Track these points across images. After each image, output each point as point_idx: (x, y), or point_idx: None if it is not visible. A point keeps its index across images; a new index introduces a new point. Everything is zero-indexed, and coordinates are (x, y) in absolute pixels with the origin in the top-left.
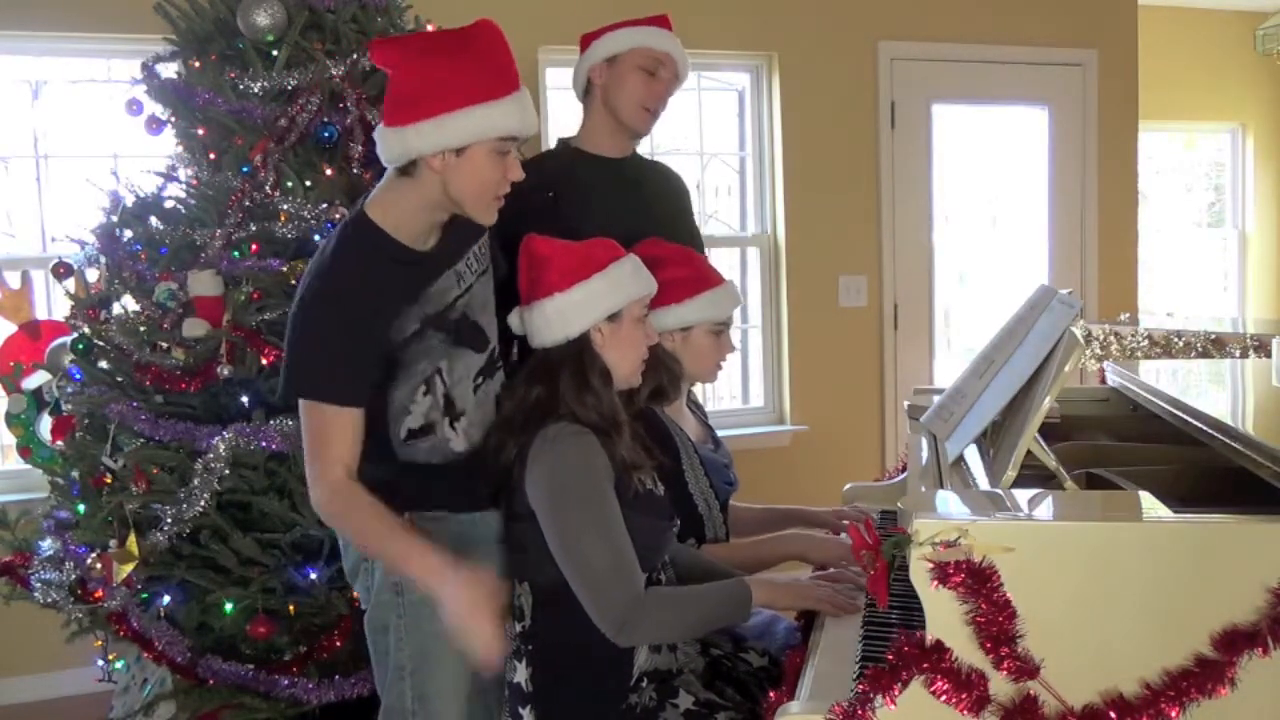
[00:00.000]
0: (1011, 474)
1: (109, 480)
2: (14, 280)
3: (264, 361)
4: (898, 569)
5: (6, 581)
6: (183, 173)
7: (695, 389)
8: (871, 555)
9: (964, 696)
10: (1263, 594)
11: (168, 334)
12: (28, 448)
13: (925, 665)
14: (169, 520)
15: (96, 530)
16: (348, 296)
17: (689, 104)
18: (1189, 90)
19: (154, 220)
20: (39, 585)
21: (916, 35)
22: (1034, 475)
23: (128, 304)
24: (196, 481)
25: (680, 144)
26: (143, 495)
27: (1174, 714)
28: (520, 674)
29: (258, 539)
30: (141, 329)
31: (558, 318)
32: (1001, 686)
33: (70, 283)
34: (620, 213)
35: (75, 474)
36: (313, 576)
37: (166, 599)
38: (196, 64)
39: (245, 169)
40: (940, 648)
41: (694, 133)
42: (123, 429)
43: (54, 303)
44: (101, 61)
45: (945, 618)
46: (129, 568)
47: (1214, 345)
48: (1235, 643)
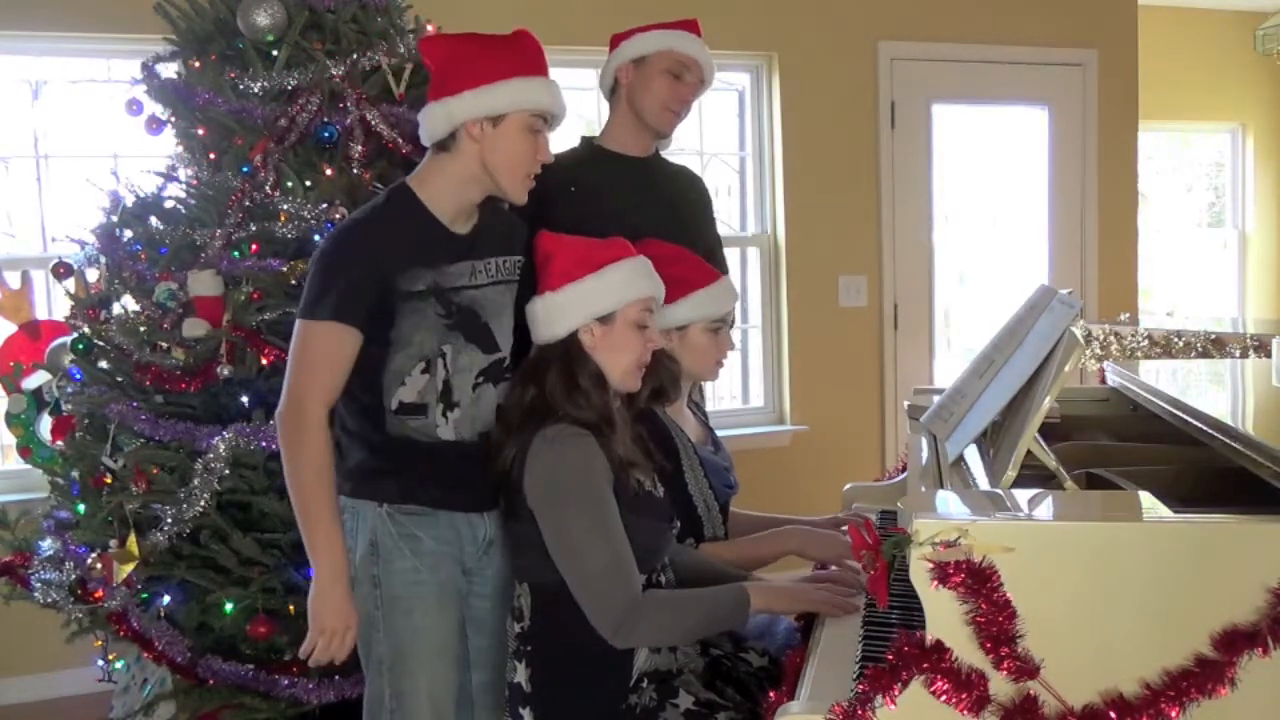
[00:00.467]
0: (1011, 474)
1: (109, 480)
2: (14, 280)
3: (264, 361)
4: (898, 569)
5: (6, 581)
6: (183, 173)
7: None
8: (871, 555)
9: (964, 696)
10: (1263, 594)
11: (168, 334)
12: (28, 448)
13: (925, 665)
14: (169, 520)
15: (96, 530)
16: (366, 235)
17: None
18: (1189, 90)
19: (154, 220)
20: (39, 585)
21: (916, 35)
22: (1034, 475)
23: (128, 304)
24: (196, 481)
25: (680, 144)
26: (143, 495)
27: (1174, 714)
28: (520, 674)
29: (258, 539)
30: (141, 329)
31: (547, 316)
32: (1001, 686)
33: (70, 283)
34: (638, 211)
35: (75, 474)
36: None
37: (166, 599)
38: (196, 64)
39: (245, 169)
40: (940, 648)
41: (694, 133)
42: (123, 429)
43: (54, 303)
44: (101, 61)
45: (945, 618)
46: (129, 568)
47: (1214, 345)
48: (1235, 643)
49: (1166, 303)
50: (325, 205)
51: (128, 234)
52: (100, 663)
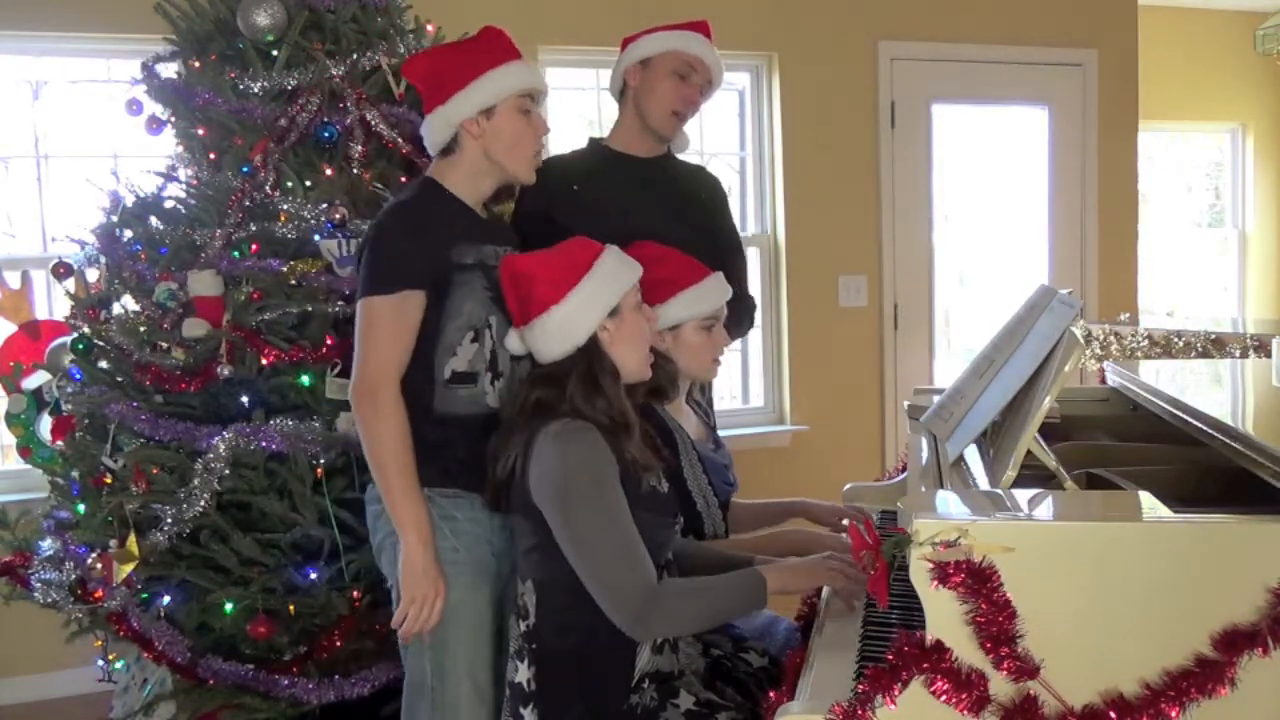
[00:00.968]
0: (1011, 474)
1: (109, 480)
2: (14, 280)
3: (264, 361)
4: (898, 569)
5: (6, 581)
6: (183, 173)
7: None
8: (871, 555)
9: (964, 696)
10: (1263, 594)
11: (168, 334)
12: (28, 448)
13: (925, 665)
14: (169, 520)
15: (96, 530)
16: (417, 211)
17: None
18: (1189, 90)
19: (154, 220)
20: (39, 585)
21: (916, 35)
22: (1034, 475)
23: (128, 304)
24: (196, 481)
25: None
26: (143, 495)
27: (1174, 714)
28: (522, 674)
29: (258, 539)
30: (141, 329)
31: (561, 329)
32: (1001, 686)
33: (70, 283)
34: (641, 211)
35: (75, 474)
36: (313, 576)
37: (166, 599)
38: (196, 64)
39: (245, 169)
40: (940, 648)
41: (694, 133)
42: (123, 429)
43: (54, 303)
44: (101, 61)
45: (945, 618)
46: (129, 568)
47: (1214, 345)
48: (1235, 643)
49: (1166, 303)
50: (325, 205)
51: (128, 234)
52: (100, 663)
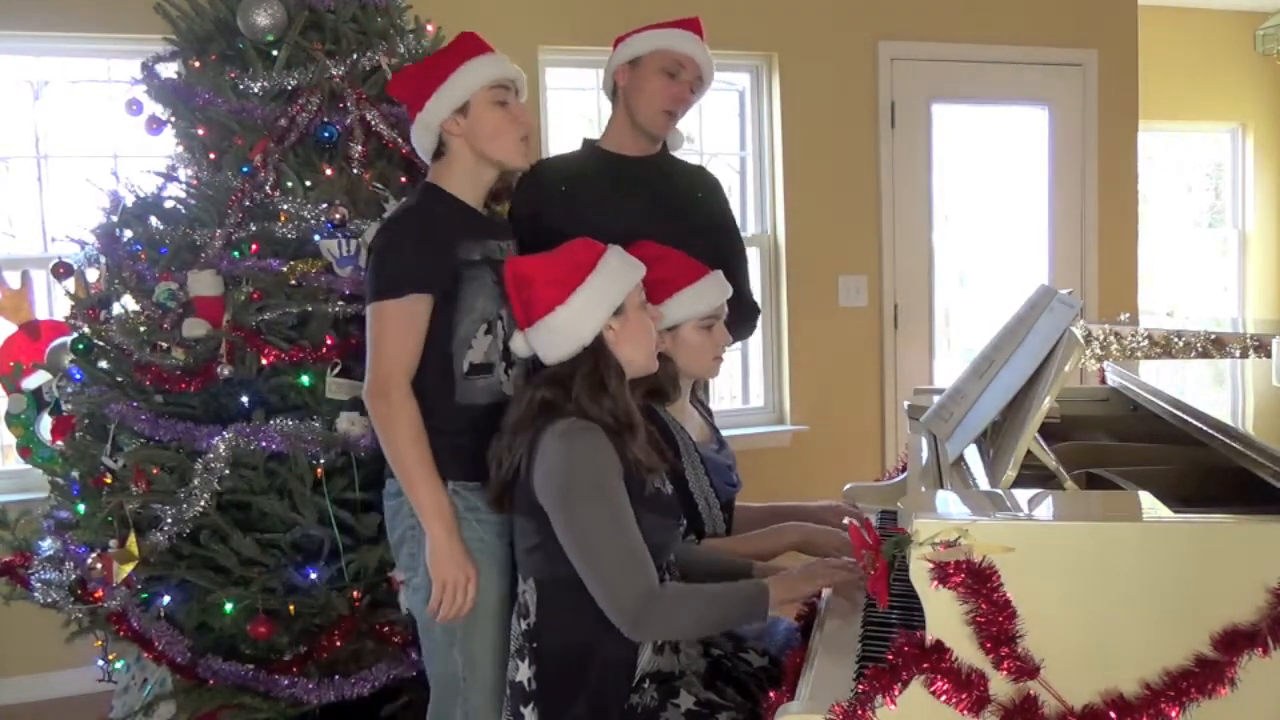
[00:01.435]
0: (1011, 474)
1: (109, 480)
2: (14, 280)
3: (264, 361)
4: (898, 569)
5: (6, 581)
6: (183, 173)
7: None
8: (871, 555)
9: (964, 696)
10: (1263, 594)
11: (168, 334)
12: (28, 448)
13: (925, 665)
14: (169, 520)
15: (96, 530)
16: (420, 215)
17: None
18: (1189, 90)
19: (154, 220)
20: (39, 585)
21: (916, 35)
22: (1034, 475)
23: (128, 304)
24: (196, 481)
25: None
26: (143, 495)
27: (1174, 714)
28: (523, 673)
29: (258, 539)
30: (141, 329)
31: (566, 329)
32: (1001, 686)
33: (70, 283)
34: (632, 211)
35: (75, 474)
36: (313, 576)
37: (166, 599)
38: (196, 64)
39: (245, 169)
40: (940, 648)
41: (694, 133)
42: (123, 429)
43: (54, 303)
44: (101, 61)
45: (945, 618)
46: (129, 568)
47: (1214, 345)
48: (1235, 643)
49: (1166, 303)
50: (325, 205)
51: (128, 234)
52: (100, 663)
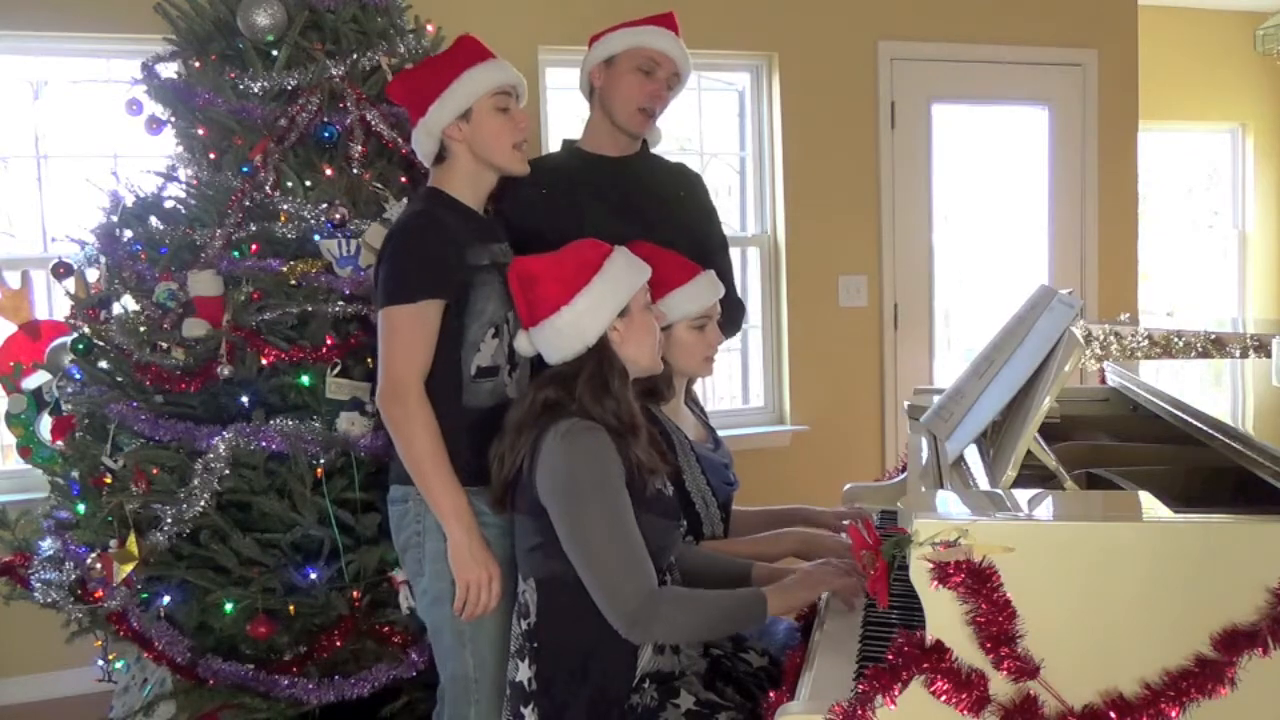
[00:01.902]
0: (1011, 474)
1: (109, 480)
2: (14, 280)
3: (264, 361)
4: (898, 569)
5: (6, 581)
6: (183, 173)
7: (697, 389)
8: (871, 555)
9: (964, 696)
10: (1263, 594)
11: (168, 334)
12: (28, 448)
13: (925, 665)
14: (169, 520)
15: (96, 530)
16: (430, 220)
17: (689, 104)
18: (1189, 90)
19: (154, 220)
20: (39, 585)
21: (916, 35)
22: (1034, 475)
23: (128, 304)
24: (196, 481)
25: (681, 144)
26: (143, 495)
27: (1174, 714)
28: (523, 673)
29: (258, 539)
30: (141, 329)
31: (571, 329)
32: (1001, 686)
33: (70, 283)
34: (615, 210)
35: (75, 474)
36: (313, 576)
37: (166, 599)
38: (196, 64)
39: (245, 169)
40: (940, 648)
41: (694, 133)
42: (123, 429)
43: (54, 303)
44: (101, 61)
45: (945, 618)
46: (129, 568)
47: (1214, 345)
48: (1235, 643)
49: (1166, 303)
50: (325, 205)
51: (128, 234)
52: (100, 663)
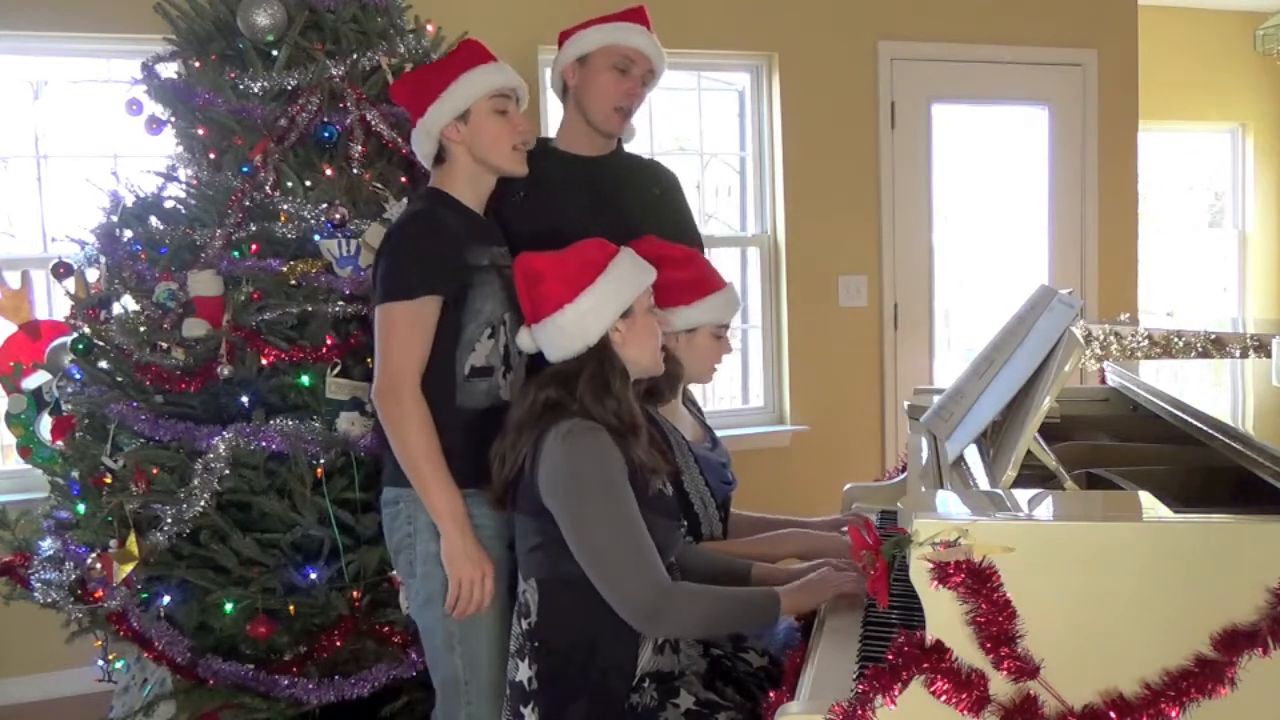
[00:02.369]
0: (1011, 474)
1: (109, 480)
2: (14, 280)
3: (264, 361)
4: (898, 569)
5: (6, 581)
6: (183, 173)
7: (693, 389)
8: (871, 555)
9: (964, 696)
10: (1263, 594)
11: (168, 334)
12: (28, 448)
13: (925, 665)
14: (169, 520)
15: (96, 530)
16: (431, 218)
17: (689, 104)
18: (1189, 90)
19: (154, 220)
20: (39, 585)
21: (916, 35)
22: (1034, 475)
23: (128, 304)
24: (196, 481)
25: (680, 144)
26: (143, 495)
27: (1174, 714)
28: (523, 672)
29: (258, 539)
30: (141, 329)
31: (573, 328)
32: (1001, 686)
33: (70, 283)
34: (593, 211)
35: (75, 474)
36: (313, 576)
37: (166, 599)
38: (196, 64)
39: (245, 169)
40: (940, 648)
41: (694, 133)
42: (123, 429)
43: (54, 303)
44: (101, 61)
45: (945, 618)
46: (129, 568)
47: (1214, 345)
48: (1235, 643)
49: (1166, 303)
50: (325, 205)
51: (128, 234)
52: (100, 663)
